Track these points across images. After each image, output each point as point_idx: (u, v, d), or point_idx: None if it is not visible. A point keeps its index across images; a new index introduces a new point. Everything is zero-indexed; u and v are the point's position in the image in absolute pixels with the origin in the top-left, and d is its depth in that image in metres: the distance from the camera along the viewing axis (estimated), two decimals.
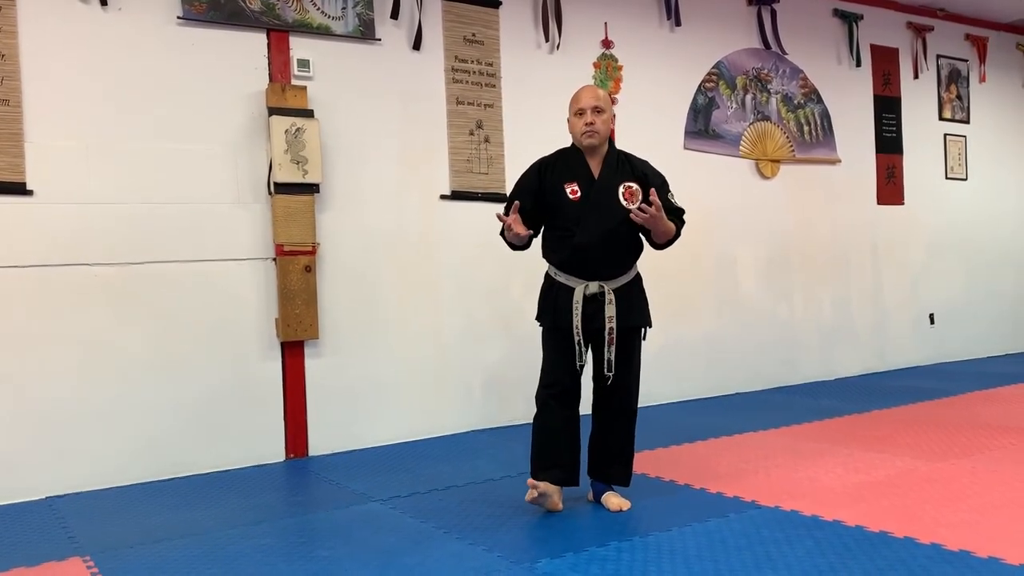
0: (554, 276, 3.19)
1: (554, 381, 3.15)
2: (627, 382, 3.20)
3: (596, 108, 3.13)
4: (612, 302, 3.09)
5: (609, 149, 3.21)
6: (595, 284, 3.09)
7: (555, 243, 3.19)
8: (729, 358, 5.91)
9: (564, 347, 3.12)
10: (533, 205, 3.17)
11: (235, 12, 4.23)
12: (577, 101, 3.17)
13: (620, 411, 3.21)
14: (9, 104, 3.75)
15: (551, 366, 3.17)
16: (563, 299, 3.12)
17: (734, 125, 6.01)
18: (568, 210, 3.12)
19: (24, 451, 3.75)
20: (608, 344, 3.10)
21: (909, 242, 7.03)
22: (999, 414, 4.79)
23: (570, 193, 3.13)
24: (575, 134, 3.18)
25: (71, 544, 3.06)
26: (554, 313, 3.14)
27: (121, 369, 3.95)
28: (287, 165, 4.22)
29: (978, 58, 7.54)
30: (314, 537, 3.03)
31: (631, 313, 3.16)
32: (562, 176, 3.17)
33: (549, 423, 3.15)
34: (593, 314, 3.10)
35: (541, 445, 3.16)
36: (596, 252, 3.09)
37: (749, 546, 2.72)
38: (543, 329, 3.23)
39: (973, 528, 2.80)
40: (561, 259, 3.15)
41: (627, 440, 3.23)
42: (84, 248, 3.89)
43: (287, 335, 4.27)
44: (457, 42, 4.90)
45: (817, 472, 3.62)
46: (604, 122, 3.15)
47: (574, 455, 3.19)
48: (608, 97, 3.20)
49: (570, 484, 3.19)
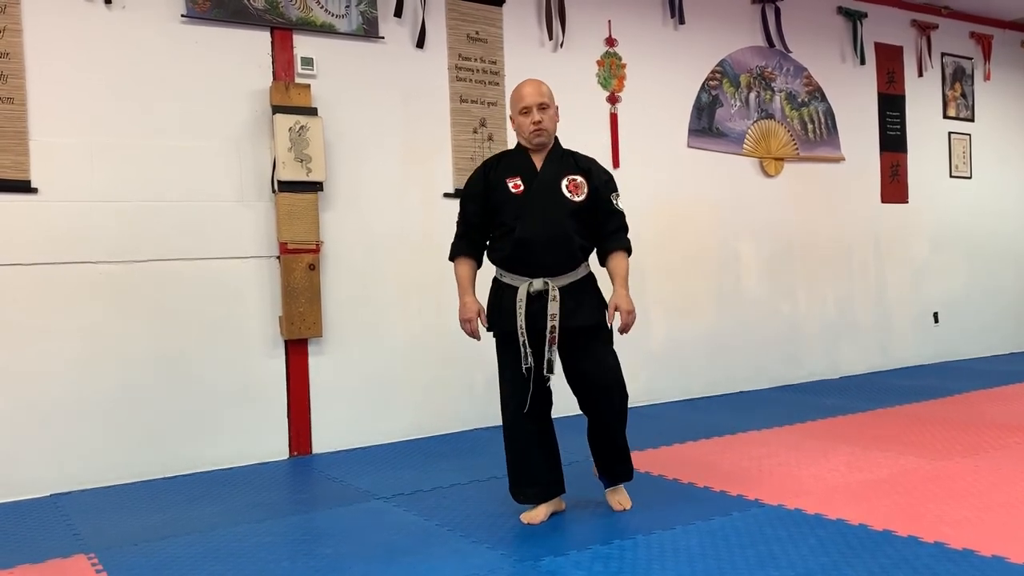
0: (500, 277, 3.08)
1: (513, 392, 3.03)
2: (604, 380, 3.04)
3: (541, 105, 3.01)
4: (556, 299, 2.93)
5: (554, 145, 3.12)
6: (539, 281, 2.95)
7: (498, 240, 3.08)
8: (732, 356, 5.91)
9: (519, 355, 2.97)
10: (482, 209, 3.09)
11: (239, 10, 4.23)
12: (521, 99, 3.04)
13: (605, 410, 3.07)
14: (14, 102, 3.76)
15: (510, 378, 3.03)
16: (508, 299, 3.00)
17: (738, 123, 6.00)
18: (510, 205, 3.01)
19: (29, 448, 3.76)
20: (548, 343, 2.93)
21: (913, 240, 7.02)
22: (1003, 412, 4.78)
23: (512, 187, 3.02)
24: (522, 134, 3.07)
25: (76, 541, 3.07)
26: (500, 315, 3.02)
27: (125, 366, 3.96)
28: (291, 163, 4.23)
29: (983, 56, 7.51)
30: (317, 534, 3.04)
31: (579, 312, 2.99)
32: (505, 172, 3.07)
33: (520, 443, 3.05)
34: (538, 313, 2.95)
35: (516, 465, 3.07)
36: (539, 246, 2.96)
37: (752, 544, 2.72)
38: (495, 338, 3.10)
39: (977, 527, 2.79)
40: (504, 256, 3.03)
41: (618, 436, 3.12)
42: (88, 246, 3.90)
43: (291, 333, 4.27)
44: (460, 40, 4.90)
45: (820, 470, 3.62)
46: (551, 118, 3.04)
47: (553, 468, 3.09)
48: (551, 91, 3.08)
49: (555, 496, 3.11)
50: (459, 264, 3.13)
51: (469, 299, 3.07)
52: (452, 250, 3.16)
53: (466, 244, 3.13)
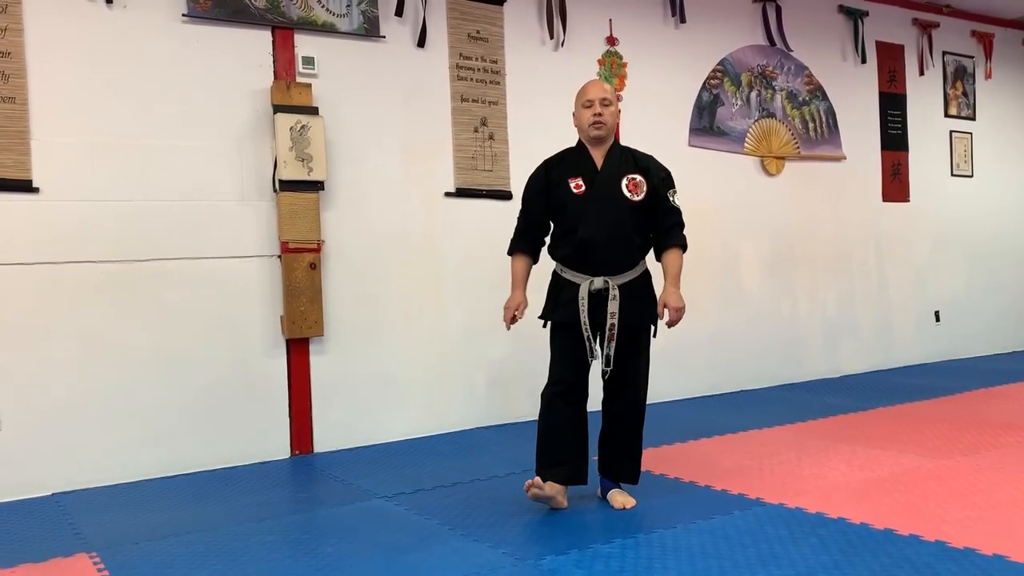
0: (560, 272, 3.20)
1: (559, 378, 3.15)
2: (635, 379, 3.19)
3: (604, 100, 3.15)
4: (616, 298, 3.07)
5: (613, 144, 3.22)
6: (600, 280, 3.09)
7: (560, 239, 3.20)
8: (733, 355, 5.90)
9: (569, 344, 3.12)
10: (545, 207, 3.21)
11: (240, 9, 4.23)
12: (585, 93, 3.20)
13: (628, 408, 3.20)
14: (15, 102, 3.76)
15: (557, 363, 3.17)
16: (568, 295, 3.12)
17: (739, 122, 6.00)
18: (572, 205, 3.13)
19: (30, 448, 3.76)
20: (608, 340, 3.08)
21: (914, 239, 7.02)
22: (1004, 411, 4.78)
23: (574, 187, 3.14)
24: (582, 125, 3.19)
25: (78, 540, 3.07)
26: (558, 309, 3.14)
27: (126, 366, 3.96)
28: (292, 162, 4.23)
29: (984, 55, 7.51)
30: (319, 533, 3.04)
31: (636, 311, 3.13)
32: (567, 172, 3.18)
33: (554, 421, 3.15)
34: (596, 309, 3.09)
35: (546, 443, 3.16)
36: (600, 246, 3.09)
37: (754, 543, 2.72)
38: (550, 326, 3.23)
39: (978, 525, 2.79)
40: (566, 255, 3.16)
41: (635, 437, 3.23)
42: (89, 245, 3.90)
43: (292, 332, 4.28)
44: (461, 39, 4.90)
45: (822, 469, 3.62)
46: (611, 114, 3.17)
47: (581, 453, 3.18)
48: (613, 90, 3.21)
49: (577, 483, 3.19)
50: (516, 260, 3.28)
51: (518, 292, 3.25)
52: (512, 246, 3.31)
53: (524, 242, 3.28)
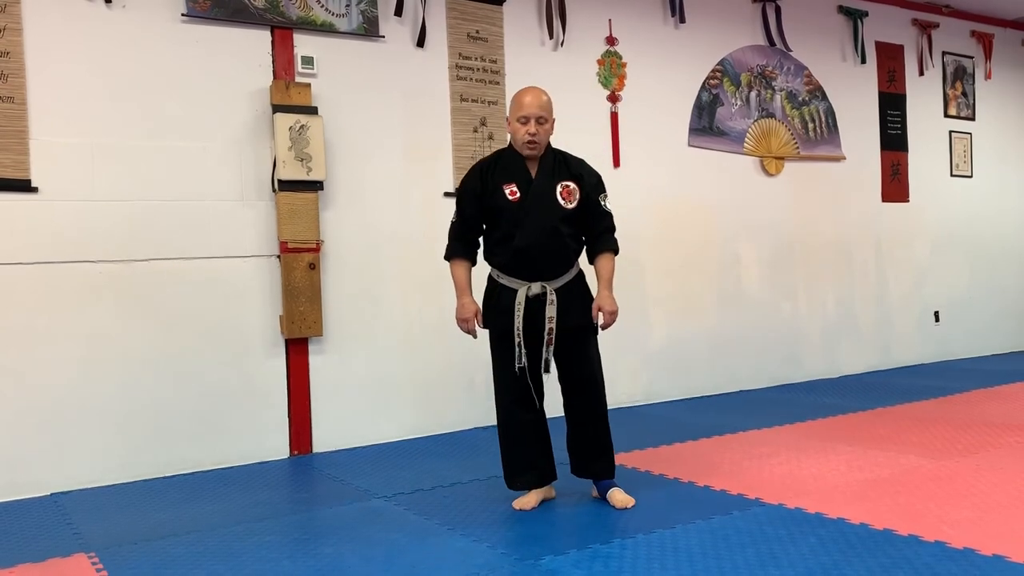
0: (497, 278, 3.19)
1: (508, 386, 3.16)
2: (591, 377, 3.19)
3: (540, 118, 3.10)
4: (553, 302, 3.08)
5: (546, 150, 3.20)
6: (537, 285, 3.09)
7: (496, 246, 3.18)
8: (732, 355, 5.90)
9: (512, 351, 3.10)
10: (478, 210, 3.18)
11: (239, 9, 4.23)
12: (520, 107, 3.12)
13: (590, 407, 3.21)
14: (14, 101, 3.76)
15: (503, 372, 3.18)
16: (505, 300, 3.13)
17: (738, 122, 6.00)
18: (508, 212, 3.11)
19: (29, 447, 3.76)
20: (547, 344, 3.09)
21: (913, 239, 7.02)
22: (1004, 412, 4.78)
23: (509, 194, 3.12)
24: (515, 140, 3.16)
25: (76, 540, 3.07)
26: (499, 316, 3.14)
27: (125, 366, 3.96)
28: (291, 162, 4.23)
29: (984, 55, 7.51)
30: (318, 533, 3.04)
31: (573, 312, 3.14)
32: (501, 177, 3.15)
33: (513, 429, 3.18)
34: (534, 314, 3.09)
35: (511, 451, 3.21)
36: (537, 253, 3.09)
37: (753, 543, 2.72)
38: (489, 335, 3.22)
39: (977, 526, 2.79)
40: (503, 261, 3.15)
41: (602, 433, 3.23)
42: (88, 245, 3.90)
43: (291, 332, 4.27)
44: (461, 39, 4.90)
45: (821, 469, 3.62)
46: (546, 132, 3.14)
47: (546, 453, 3.23)
48: (551, 103, 3.16)
49: (548, 482, 3.25)
50: (456, 265, 3.23)
51: (467, 299, 3.20)
52: (448, 251, 3.24)
53: (462, 245, 3.23)
